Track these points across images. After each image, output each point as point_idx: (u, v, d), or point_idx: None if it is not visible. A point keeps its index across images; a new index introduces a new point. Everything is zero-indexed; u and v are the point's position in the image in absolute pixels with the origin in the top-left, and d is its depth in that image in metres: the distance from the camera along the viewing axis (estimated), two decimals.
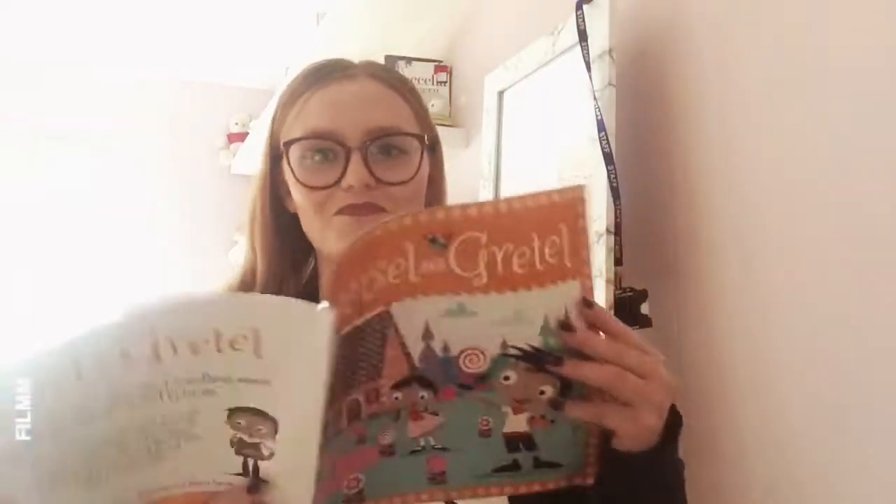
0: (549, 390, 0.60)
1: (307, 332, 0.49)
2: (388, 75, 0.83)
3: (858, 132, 0.82)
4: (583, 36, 1.18)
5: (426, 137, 0.82)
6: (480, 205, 0.54)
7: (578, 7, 1.19)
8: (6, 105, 2.75)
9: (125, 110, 2.92)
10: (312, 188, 0.78)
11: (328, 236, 0.78)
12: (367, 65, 0.83)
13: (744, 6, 0.99)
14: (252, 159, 2.84)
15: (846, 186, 0.84)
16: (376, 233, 0.53)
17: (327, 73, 0.81)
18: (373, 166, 0.76)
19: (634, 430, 0.59)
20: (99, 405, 0.51)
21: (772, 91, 0.94)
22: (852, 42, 0.84)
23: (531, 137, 1.45)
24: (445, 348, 0.57)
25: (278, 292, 0.82)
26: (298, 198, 0.80)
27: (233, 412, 0.51)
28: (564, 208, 0.56)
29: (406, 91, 0.83)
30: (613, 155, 1.10)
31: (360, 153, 0.76)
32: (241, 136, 2.92)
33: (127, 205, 2.88)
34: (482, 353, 0.58)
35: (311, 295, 0.83)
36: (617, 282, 1.09)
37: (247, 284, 0.83)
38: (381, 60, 1.75)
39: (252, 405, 0.51)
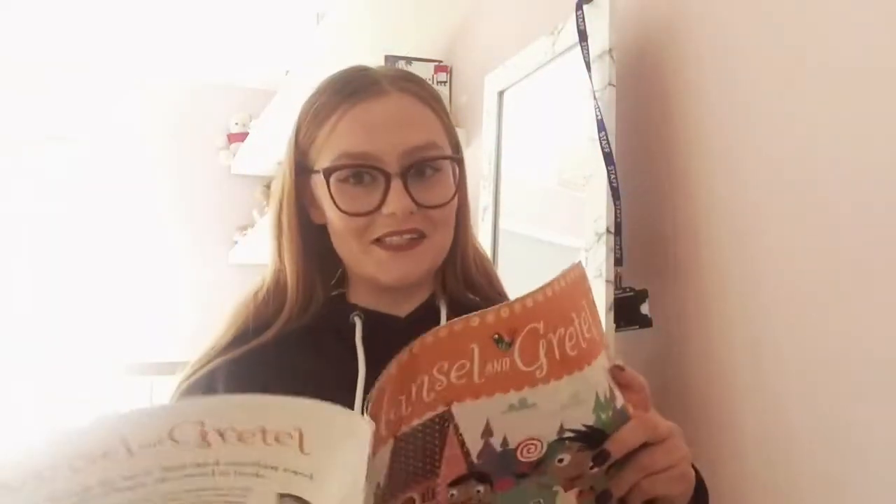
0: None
1: (349, 442, 0.48)
2: (416, 88, 0.81)
3: (858, 131, 0.82)
4: (583, 36, 1.18)
5: (455, 153, 0.82)
6: (533, 294, 0.55)
7: (578, 7, 1.19)
8: (6, 105, 2.75)
9: (125, 110, 2.92)
10: (354, 215, 0.77)
11: (366, 264, 0.79)
12: (394, 77, 0.81)
13: (743, 6, 0.99)
14: (252, 159, 2.85)
15: (846, 186, 0.84)
16: (440, 334, 0.53)
17: (356, 90, 0.79)
18: (412, 190, 0.76)
19: (682, 487, 0.64)
20: (150, 478, 0.51)
21: (771, 91, 0.94)
22: (852, 41, 0.84)
23: (531, 137, 1.45)
24: (504, 443, 0.57)
25: (308, 302, 0.82)
26: (336, 221, 0.79)
27: (282, 497, 0.51)
28: (579, 284, 0.58)
29: (434, 102, 0.82)
30: (613, 155, 1.10)
31: (400, 179, 0.75)
32: (241, 136, 2.92)
33: (127, 205, 2.88)
34: (540, 441, 0.58)
35: (338, 303, 0.84)
36: (617, 282, 1.09)
37: (277, 293, 0.82)
38: (382, 60, 1.75)
39: (299, 495, 0.51)
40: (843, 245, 0.84)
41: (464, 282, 0.87)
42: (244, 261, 2.88)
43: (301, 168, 0.81)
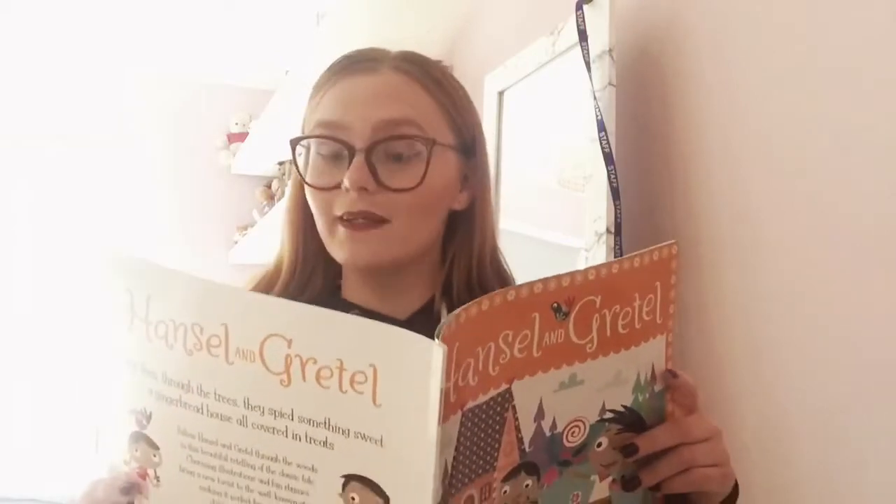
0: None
1: (420, 369, 0.46)
2: (415, 69, 0.77)
3: (858, 131, 0.82)
4: (583, 36, 1.18)
5: (437, 140, 0.75)
6: (597, 268, 0.55)
7: (578, 7, 1.19)
8: (6, 104, 2.75)
9: (125, 110, 2.92)
10: (317, 189, 0.75)
11: (332, 243, 0.76)
12: (395, 57, 0.78)
13: (743, 6, 0.99)
14: (252, 159, 2.86)
15: (846, 186, 0.84)
16: (508, 296, 0.51)
17: (350, 65, 0.77)
18: (379, 170, 0.73)
19: (724, 487, 0.68)
20: (237, 412, 0.52)
21: (771, 91, 0.94)
22: (852, 41, 0.84)
23: (531, 137, 1.45)
24: (553, 425, 0.56)
25: (304, 288, 0.80)
26: (308, 196, 0.78)
27: (348, 481, 0.50)
28: (661, 265, 0.59)
29: (432, 84, 0.77)
30: (613, 155, 1.10)
31: (363, 154, 0.72)
32: (241, 136, 2.92)
33: (127, 204, 2.88)
34: (584, 422, 0.58)
35: (331, 296, 0.81)
36: None
37: (272, 278, 0.81)
38: None
39: (366, 474, 0.49)
40: (844, 245, 0.83)
41: (479, 287, 0.81)
42: (244, 261, 2.89)
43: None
